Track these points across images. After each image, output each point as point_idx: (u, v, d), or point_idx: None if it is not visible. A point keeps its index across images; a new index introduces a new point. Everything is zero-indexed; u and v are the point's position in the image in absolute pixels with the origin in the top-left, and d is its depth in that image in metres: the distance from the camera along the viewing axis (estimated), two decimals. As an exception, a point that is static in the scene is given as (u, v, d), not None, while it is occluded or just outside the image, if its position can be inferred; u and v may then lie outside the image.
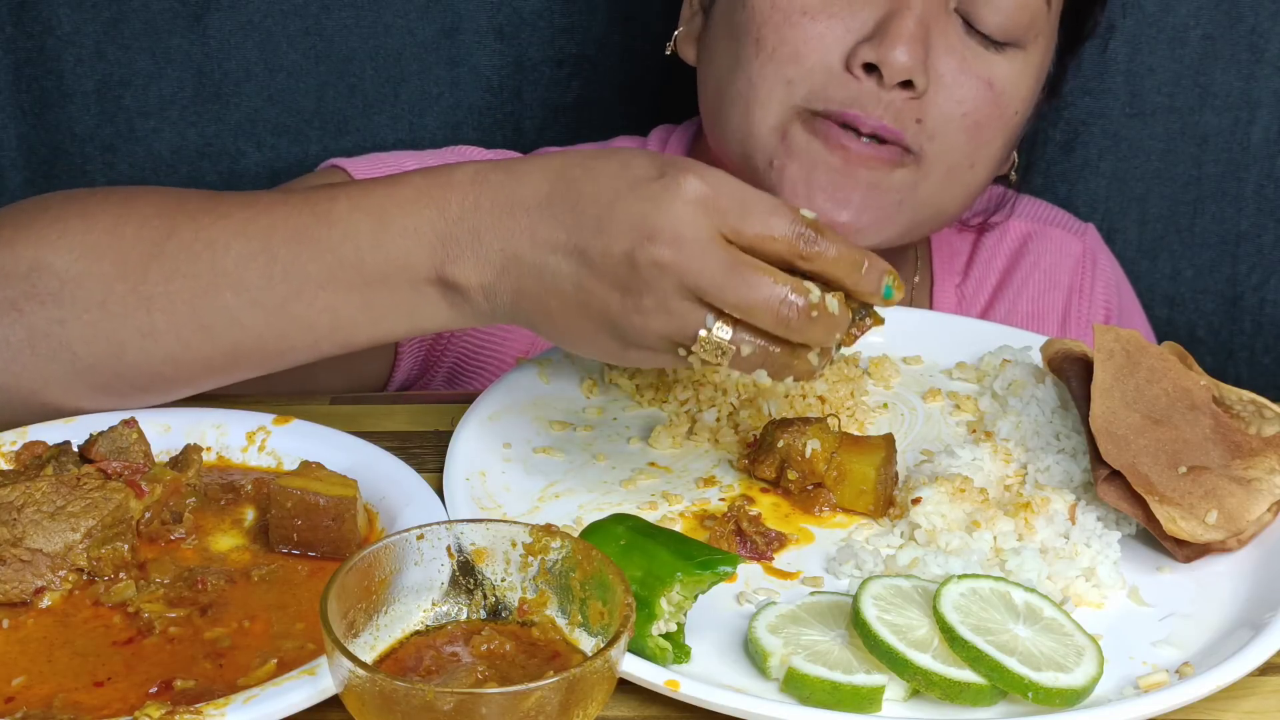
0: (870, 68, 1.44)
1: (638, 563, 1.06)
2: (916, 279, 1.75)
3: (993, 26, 1.48)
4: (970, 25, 1.48)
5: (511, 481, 1.27)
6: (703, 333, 1.10)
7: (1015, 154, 1.65)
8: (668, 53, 1.64)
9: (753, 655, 1.08)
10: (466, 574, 1.02)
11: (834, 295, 1.11)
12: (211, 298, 1.20)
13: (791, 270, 1.11)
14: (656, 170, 1.12)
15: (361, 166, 1.57)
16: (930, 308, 1.73)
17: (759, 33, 1.47)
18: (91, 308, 1.20)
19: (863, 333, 1.16)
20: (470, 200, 1.17)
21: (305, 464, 1.19)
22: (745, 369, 1.12)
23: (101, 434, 1.19)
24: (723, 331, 1.10)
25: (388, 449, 1.24)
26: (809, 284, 1.10)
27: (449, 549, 1.01)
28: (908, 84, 1.44)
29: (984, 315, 1.75)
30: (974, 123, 1.49)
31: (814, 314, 1.10)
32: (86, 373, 1.22)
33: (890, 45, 1.42)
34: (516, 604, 1.01)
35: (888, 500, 1.27)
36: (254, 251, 1.19)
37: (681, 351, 1.12)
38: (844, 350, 1.16)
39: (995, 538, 1.19)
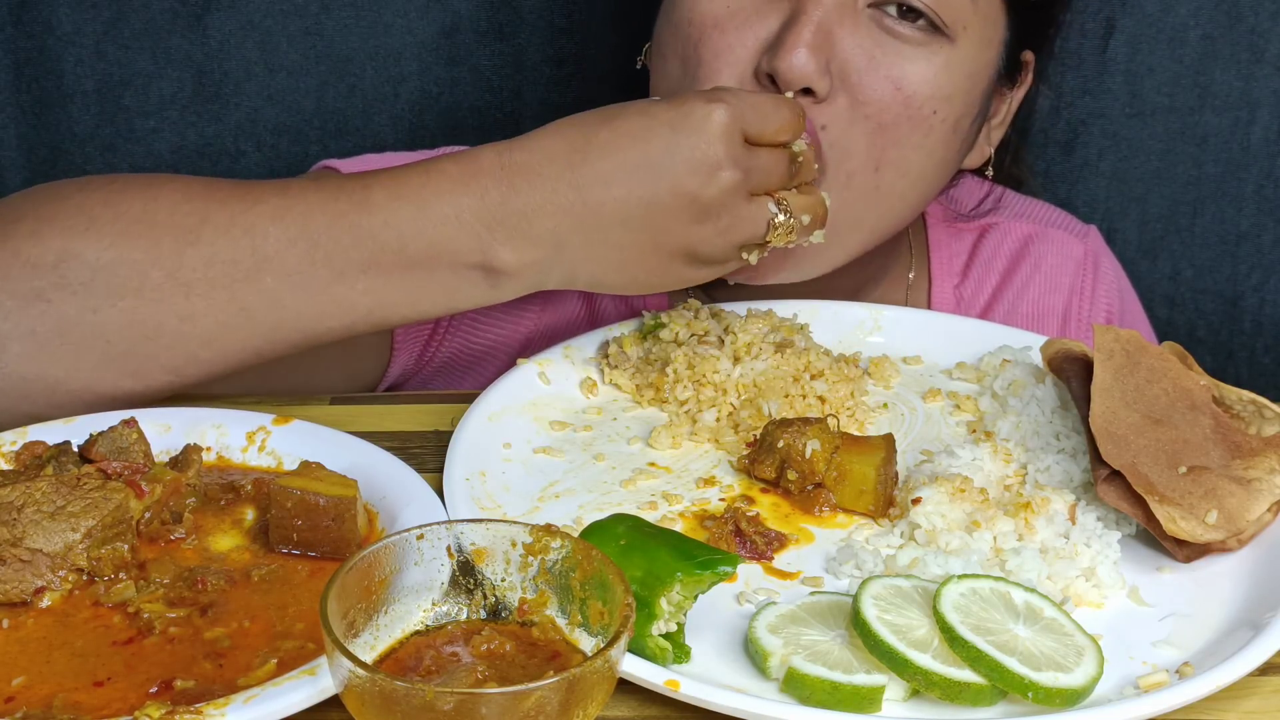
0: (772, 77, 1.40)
1: (638, 563, 1.06)
2: (911, 275, 1.74)
3: (906, 20, 1.42)
4: (883, 23, 1.42)
5: (511, 481, 1.27)
6: (778, 219, 1.30)
7: (988, 148, 1.60)
8: (637, 66, 1.58)
9: (753, 655, 1.08)
10: (466, 574, 1.02)
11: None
12: (253, 281, 1.23)
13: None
14: (675, 104, 1.26)
15: (353, 167, 1.56)
16: (928, 309, 1.72)
17: (682, 49, 1.45)
18: (127, 294, 1.22)
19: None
20: (506, 184, 1.23)
21: (305, 464, 1.19)
22: (805, 235, 1.33)
23: (101, 434, 1.19)
24: (783, 214, 1.30)
25: (388, 449, 1.24)
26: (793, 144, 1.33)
27: (449, 549, 1.01)
28: (809, 91, 1.39)
29: (983, 317, 1.73)
30: (878, 125, 1.42)
31: (800, 159, 1.32)
32: (119, 359, 1.24)
33: (785, 54, 1.37)
34: (516, 604, 1.01)
35: (888, 500, 1.27)
36: (294, 236, 1.23)
37: (745, 254, 1.31)
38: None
39: (995, 538, 1.19)
